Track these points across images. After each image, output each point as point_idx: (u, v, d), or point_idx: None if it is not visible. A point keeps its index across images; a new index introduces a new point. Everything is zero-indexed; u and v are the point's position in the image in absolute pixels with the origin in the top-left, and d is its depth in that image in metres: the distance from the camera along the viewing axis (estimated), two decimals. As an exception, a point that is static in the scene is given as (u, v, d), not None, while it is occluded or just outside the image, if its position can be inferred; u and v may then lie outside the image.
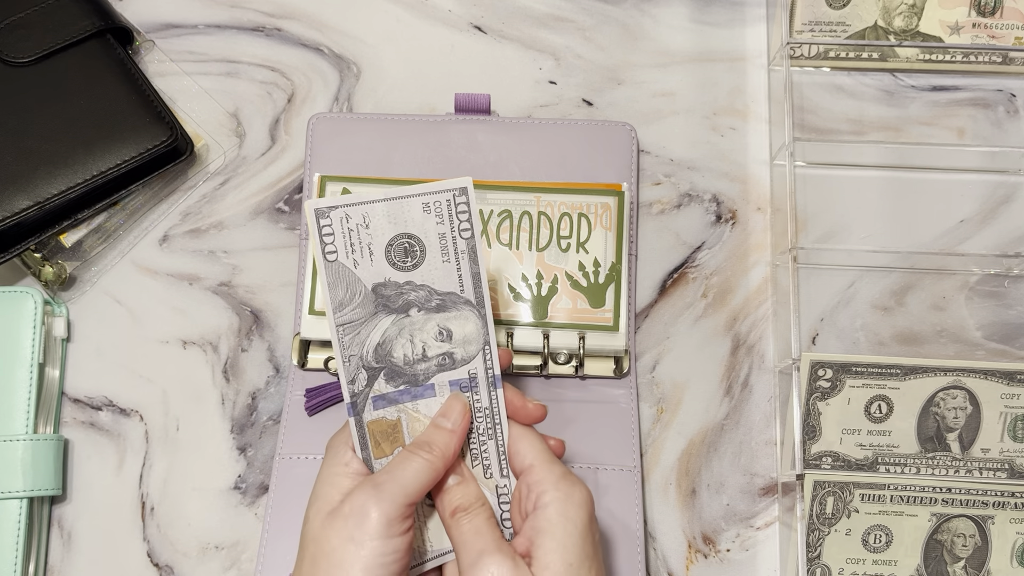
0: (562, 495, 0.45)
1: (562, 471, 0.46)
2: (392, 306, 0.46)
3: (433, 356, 0.47)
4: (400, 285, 0.46)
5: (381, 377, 0.46)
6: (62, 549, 0.59)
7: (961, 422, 0.58)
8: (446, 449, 0.46)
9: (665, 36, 0.68)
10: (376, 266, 0.45)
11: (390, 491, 0.44)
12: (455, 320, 0.47)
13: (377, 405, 0.47)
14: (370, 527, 0.43)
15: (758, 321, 0.63)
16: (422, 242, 0.46)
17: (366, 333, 0.46)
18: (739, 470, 0.60)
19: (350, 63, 0.68)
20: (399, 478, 0.44)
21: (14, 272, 0.63)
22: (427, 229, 0.46)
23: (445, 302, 0.47)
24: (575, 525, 0.44)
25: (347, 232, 0.45)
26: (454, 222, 0.46)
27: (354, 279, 0.45)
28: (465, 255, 0.46)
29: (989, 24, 0.66)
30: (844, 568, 0.57)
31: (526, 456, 0.47)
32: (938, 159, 0.65)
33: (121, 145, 0.61)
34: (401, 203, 0.45)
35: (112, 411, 0.61)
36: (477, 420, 0.48)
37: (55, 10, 0.63)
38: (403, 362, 0.47)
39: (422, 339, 0.47)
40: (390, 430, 0.47)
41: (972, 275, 0.64)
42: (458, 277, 0.46)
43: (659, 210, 0.65)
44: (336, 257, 0.45)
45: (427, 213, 0.45)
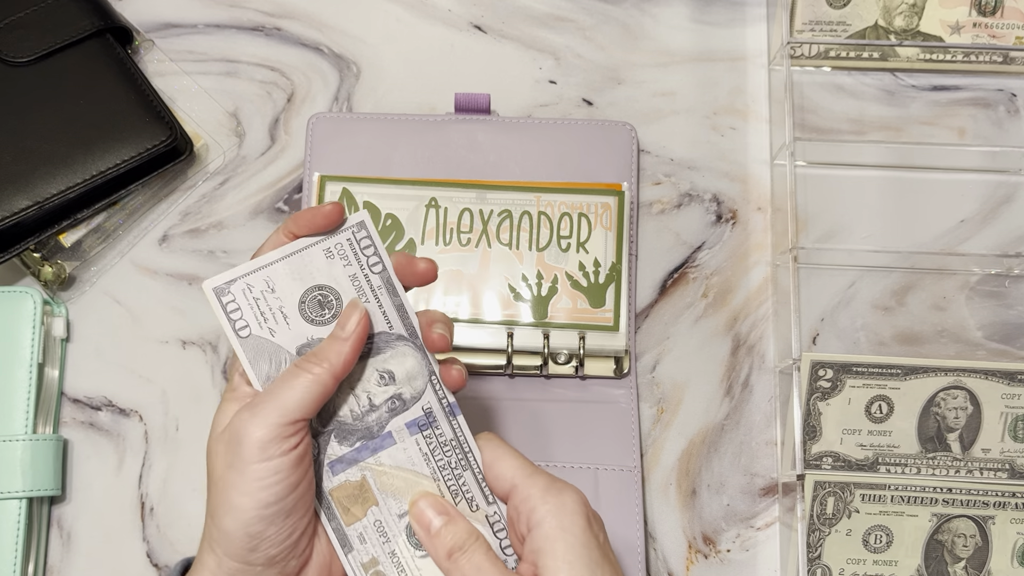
0: (552, 507, 0.42)
1: (546, 481, 0.43)
2: None
3: (381, 403, 0.45)
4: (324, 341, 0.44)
5: (332, 440, 0.44)
6: (61, 549, 0.59)
7: (962, 422, 0.58)
8: (336, 360, 0.43)
9: (665, 36, 0.68)
10: (294, 328, 0.44)
11: (264, 412, 0.42)
12: (393, 359, 0.45)
13: (335, 470, 0.45)
14: (244, 452, 0.41)
15: (758, 321, 0.63)
16: (334, 290, 0.44)
17: None
18: (739, 470, 0.60)
19: (350, 63, 0.67)
20: (277, 397, 0.42)
21: (14, 272, 0.63)
22: (335, 275, 0.44)
23: (377, 344, 0.44)
24: (574, 535, 0.42)
25: (253, 302, 0.43)
26: (361, 259, 0.44)
27: (275, 348, 0.43)
28: (382, 290, 0.44)
29: (990, 24, 0.66)
30: (845, 568, 0.57)
31: (504, 477, 0.44)
32: (939, 159, 0.65)
33: (121, 145, 0.61)
34: (301, 256, 0.43)
35: (112, 411, 0.61)
36: (446, 455, 0.45)
37: (55, 10, 0.63)
38: (351, 418, 0.44)
39: (364, 389, 0.45)
40: (357, 492, 0.45)
41: (973, 275, 0.64)
42: (383, 315, 0.44)
43: (659, 210, 0.65)
44: (249, 332, 0.43)
45: (331, 259, 0.44)
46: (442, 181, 0.62)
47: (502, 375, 0.60)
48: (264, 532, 0.42)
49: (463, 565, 0.43)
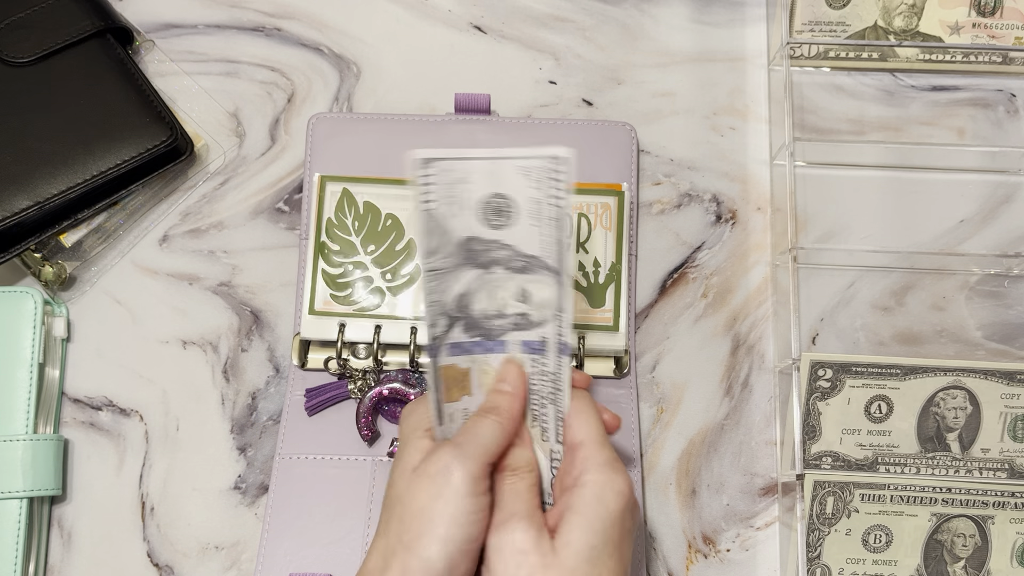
0: (603, 479, 0.45)
1: (609, 456, 0.46)
2: (478, 261, 0.47)
3: (510, 314, 0.48)
4: (488, 242, 0.46)
5: (459, 326, 0.47)
6: (62, 549, 0.59)
7: (961, 422, 0.58)
8: (511, 410, 0.47)
9: (665, 36, 0.68)
10: (469, 221, 0.46)
11: (471, 450, 0.44)
12: (535, 283, 0.47)
13: (452, 352, 0.47)
14: (456, 484, 0.43)
15: (758, 321, 0.63)
16: (515, 203, 0.46)
17: (451, 282, 0.47)
18: (739, 470, 0.60)
19: (350, 63, 0.68)
20: (477, 438, 0.45)
21: (14, 272, 0.63)
22: (521, 191, 0.46)
23: (528, 265, 0.47)
24: (607, 510, 0.44)
25: (448, 184, 0.45)
26: (546, 188, 0.46)
27: (447, 229, 0.46)
28: (553, 222, 0.46)
29: (989, 24, 0.66)
30: (844, 568, 0.57)
31: (579, 432, 0.47)
32: (938, 159, 0.65)
33: (121, 145, 0.61)
34: (501, 163, 0.46)
35: (112, 411, 0.61)
36: (542, 383, 0.48)
37: (55, 10, 0.63)
38: (481, 315, 0.47)
39: (502, 296, 0.47)
40: (460, 377, 0.48)
41: (972, 275, 0.64)
42: (543, 243, 0.47)
43: (659, 210, 0.65)
44: (433, 207, 0.45)
45: (525, 176, 0.46)
46: (442, 181, 0.62)
47: (502, 375, 0.60)
48: (459, 567, 0.43)
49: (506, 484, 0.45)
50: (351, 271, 0.60)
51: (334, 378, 0.60)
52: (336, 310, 0.59)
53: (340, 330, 0.59)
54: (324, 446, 0.59)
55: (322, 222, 0.61)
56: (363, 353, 0.60)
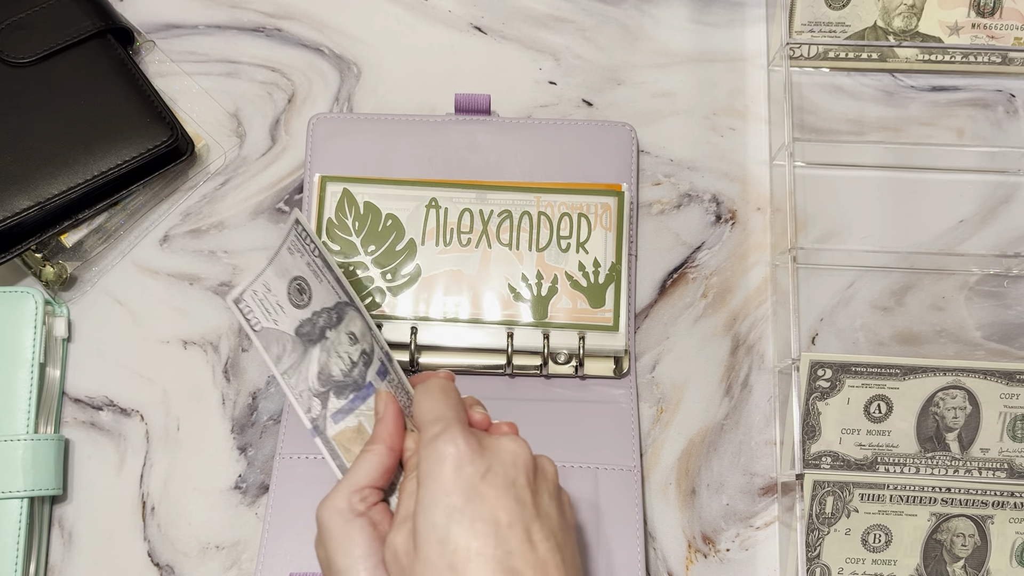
0: (426, 454, 0.44)
1: (436, 431, 0.45)
2: (313, 338, 0.51)
3: (357, 359, 0.51)
4: (310, 319, 0.51)
5: (331, 396, 0.51)
6: (63, 549, 0.59)
7: (960, 422, 0.58)
8: (387, 434, 0.49)
9: (665, 36, 0.68)
10: (289, 315, 0.51)
11: (335, 491, 0.47)
12: (351, 323, 0.52)
13: (336, 420, 0.51)
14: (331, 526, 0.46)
15: (758, 321, 0.63)
16: (303, 278, 0.51)
17: (305, 368, 0.51)
18: (739, 470, 0.60)
19: (350, 63, 0.68)
20: (346, 477, 0.48)
21: (15, 272, 0.63)
22: (300, 266, 0.51)
23: (339, 312, 0.52)
24: (439, 482, 0.43)
25: (260, 302, 0.50)
26: (306, 248, 0.51)
27: (279, 334, 0.50)
28: (325, 269, 0.52)
29: (988, 24, 0.66)
30: (844, 568, 0.57)
31: (417, 416, 0.48)
32: (938, 159, 0.65)
33: (121, 145, 0.61)
34: (278, 259, 0.51)
35: (113, 411, 0.61)
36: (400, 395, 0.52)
37: (55, 10, 0.63)
38: (342, 376, 0.51)
39: (344, 351, 0.51)
40: (355, 434, 0.51)
41: (972, 275, 0.64)
42: (332, 288, 0.52)
43: (659, 210, 0.65)
44: (261, 325, 0.50)
45: (292, 255, 0.51)
46: (442, 181, 0.62)
47: (502, 375, 0.61)
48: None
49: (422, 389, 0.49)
50: (351, 271, 0.60)
51: (334, 378, 0.60)
52: (336, 310, 0.59)
53: (340, 330, 0.59)
54: (324, 446, 0.59)
55: (322, 222, 0.61)
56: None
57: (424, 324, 0.59)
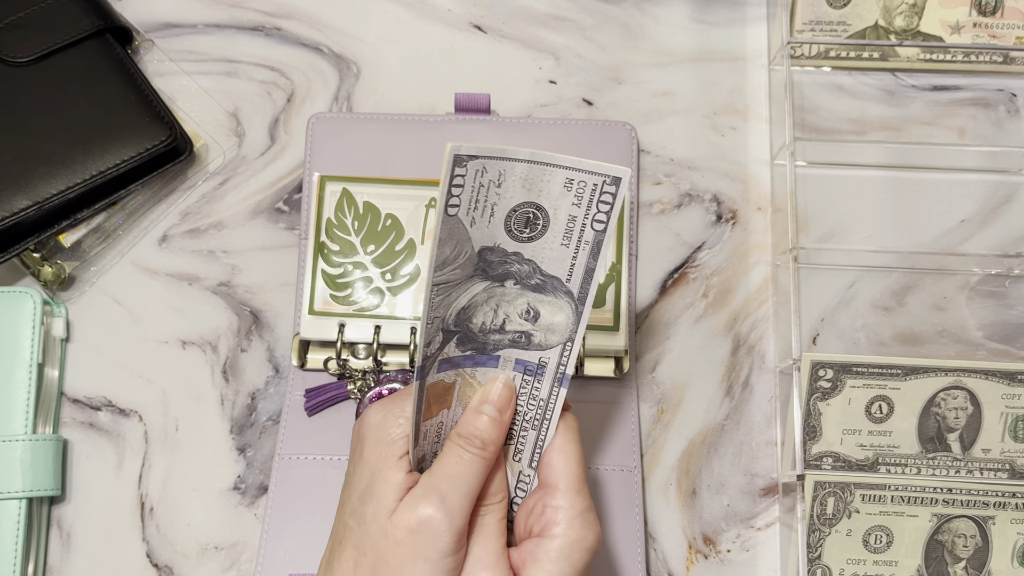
0: (574, 536, 0.43)
1: (583, 507, 0.44)
2: (491, 272, 0.43)
3: (510, 331, 0.44)
4: (507, 254, 0.42)
5: (453, 341, 0.43)
6: (61, 549, 0.59)
7: (962, 422, 0.58)
8: (493, 440, 0.44)
9: (665, 36, 0.68)
10: (491, 229, 0.42)
11: (457, 503, 0.41)
12: (548, 304, 0.44)
13: (441, 368, 0.44)
14: (443, 546, 0.41)
15: (758, 321, 0.63)
16: (548, 216, 0.42)
17: (457, 295, 0.43)
18: (739, 470, 0.60)
19: (350, 63, 0.67)
20: (460, 484, 0.42)
21: (13, 272, 0.63)
22: (559, 206, 0.42)
23: (546, 284, 0.43)
24: (572, 567, 0.42)
25: (477, 187, 0.40)
26: (591, 209, 0.42)
27: (464, 238, 0.41)
28: (588, 246, 0.42)
29: (990, 24, 0.66)
30: (845, 568, 0.57)
31: (558, 473, 0.44)
32: (939, 159, 0.65)
33: (120, 145, 0.61)
34: (543, 170, 0.41)
35: (111, 411, 0.61)
36: (529, 407, 0.45)
37: (54, 10, 0.63)
38: (479, 329, 0.44)
39: (506, 311, 0.44)
40: (443, 392, 0.44)
41: (973, 275, 0.64)
42: (570, 265, 0.43)
43: (659, 210, 0.65)
44: (456, 212, 0.40)
45: (567, 190, 0.41)
46: (442, 181, 0.61)
47: (502, 375, 0.60)
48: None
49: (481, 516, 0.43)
50: (351, 271, 0.60)
51: (334, 378, 0.60)
52: (336, 310, 0.59)
53: (340, 330, 0.59)
54: (324, 446, 0.59)
55: (322, 222, 0.60)
56: (363, 353, 0.60)
57: (424, 324, 0.59)
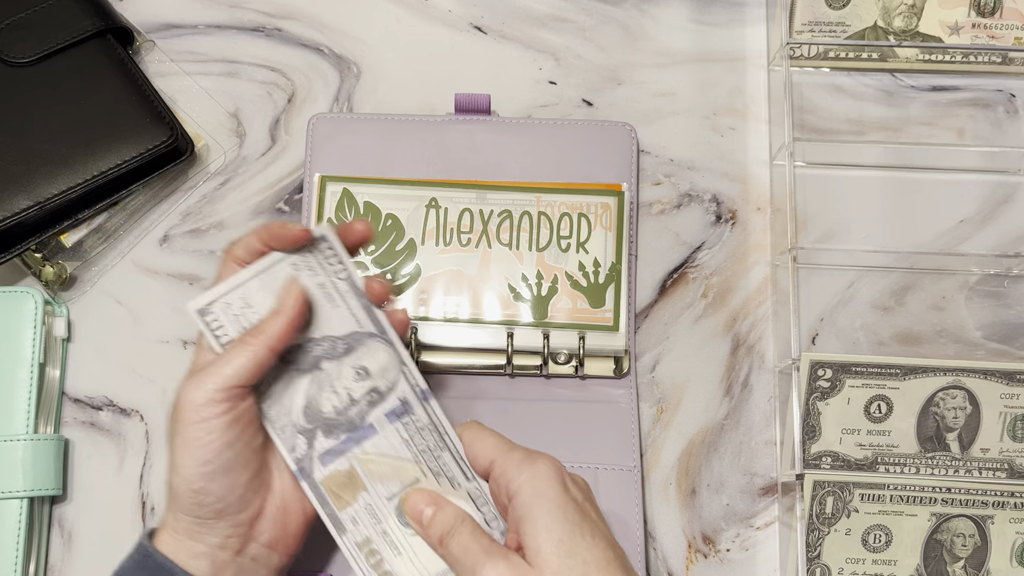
0: (527, 476, 0.45)
1: (521, 454, 0.46)
2: (303, 367, 0.48)
3: (360, 397, 0.49)
4: (303, 346, 0.48)
5: (320, 435, 0.48)
6: (62, 549, 0.59)
7: (961, 422, 0.58)
8: (272, 332, 0.46)
9: (665, 36, 0.68)
10: None
11: (201, 379, 0.46)
12: (366, 356, 0.48)
13: (325, 462, 0.48)
14: (183, 415, 0.46)
15: (758, 321, 0.63)
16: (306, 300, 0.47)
17: (288, 400, 0.48)
18: (739, 470, 0.60)
19: (350, 63, 0.68)
20: (217, 366, 0.46)
21: (14, 272, 0.63)
22: (306, 286, 0.47)
23: (350, 344, 0.48)
24: (549, 499, 0.44)
25: (233, 317, 0.47)
26: (327, 270, 0.48)
27: None
28: (349, 294, 0.48)
29: (989, 24, 0.66)
30: (844, 568, 0.57)
31: (484, 455, 0.47)
32: (938, 159, 0.65)
33: (121, 145, 0.61)
34: (270, 272, 0.47)
35: (112, 411, 0.61)
36: (424, 439, 0.49)
37: (55, 10, 0.63)
38: (335, 413, 0.48)
39: (344, 386, 0.48)
40: (346, 480, 0.49)
41: (972, 275, 0.64)
42: (352, 316, 0.48)
43: (659, 210, 0.65)
44: (231, 341, 0.47)
45: (297, 271, 0.47)
46: (442, 181, 0.62)
47: (502, 375, 0.60)
48: (207, 488, 0.46)
49: (452, 548, 0.46)
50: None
51: (334, 378, 0.60)
52: (336, 310, 0.59)
53: (340, 330, 0.59)
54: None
55: (322, 222, 0.61)
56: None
57: (424, 324, 0.59)
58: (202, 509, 0.47)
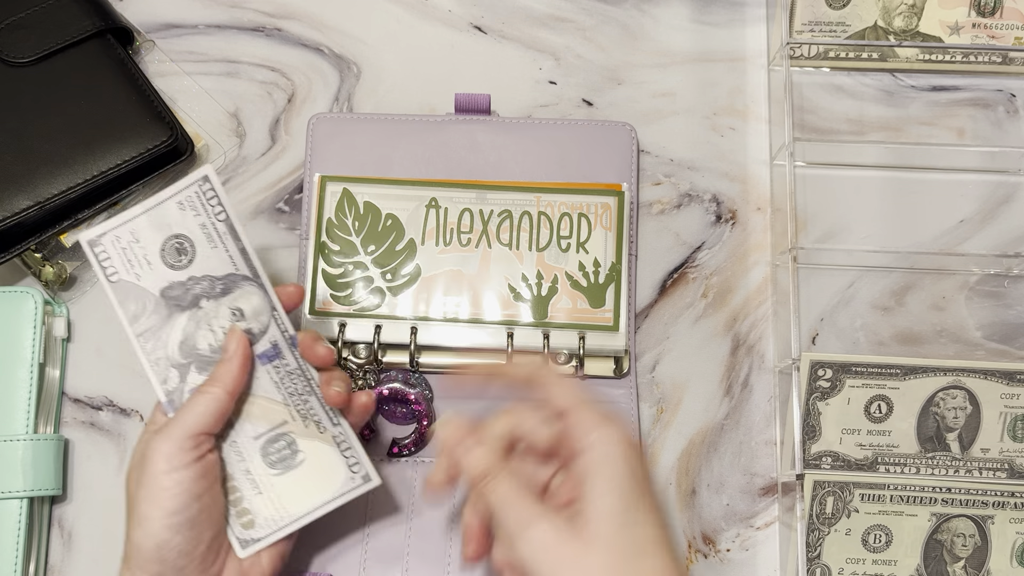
0: (602, 435, 0.44)
1: (596, 413, 0.45)
2: (183, 304, 0.50)
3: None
4: (184, 283, 0.50)
5: (192, 370, 0.50)
6: (62, 549, 0.59)
7: (961, 422, 0.58)
8: (228, 378, 0.49)
9: (665, 36, 0.68)
10: (156, 273, 0.50)
11: (168, 430, 0.47)
12: (242, 298, 0.50)
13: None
14: (151, 466, 0.47)
15: (758, 321, 0.63)
16: (189, 238, 0.49)
17: (166, 334, 0.50)
18: (739, 470, 0.60)
19: (350, 63, 0.68)
20: (180, 417, 0.48)
21: (14, 272, 0.63)
22: (188, 225, 0.49)
23: (227, 285, 0.50)
24: (618, 464, 0.43)
25: (121, 251, 0.49)
26: (208, 210, 0.49)
27: (141, 290, 0.49)
28: (227, 236, 0.50)
29: (989, 24, 0.66)
30: (844, 568, 0.57)
31: (562, 400, 0.46)
32: (938, 159, 0.65)
33: (121, 145, 0.61)
34: (158, 209, 0.49)
35: (112, 411, 0.61)
36: (293, 382, 0.51)
37: (55, 10, 0.63)
38: (209, 351, 0.50)
39: (219, 324, 0.50)
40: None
41: (972, 275, 0.64)
42: (229, 258, 0.50)
43: (659, 210, 0.65)
44: (119, 276, 0.49)
45: (183, 211, 0.49)
46: (442, 181, 0.62)
47: (502, 375, 0.60)
48: (170, 541, 0.46)
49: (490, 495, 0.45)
50: (351, 271, 0.60)
51: (334, 378, 0.60)
52: (336, 310, 0.59)
53: (340, 330, 0.59)
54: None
55: (322, 222, 0.61)
56: (363, 353, 0.60)
57: (424, 324, 0.59)
58: (163, 565, 0.47)
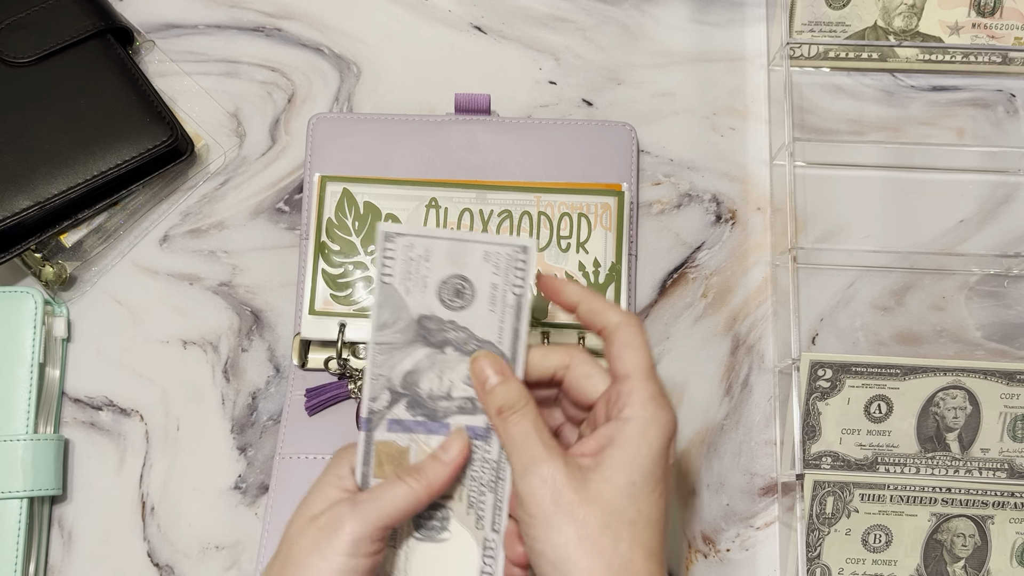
0: (647, 414, 0.44)
1: (655, 390, 0.45)
2: (431, 340, 0.47)
3: (457, 397, 0.48)
4: (443, 322, 0.47)
5: (402, 403, 0.47)
6: (62, 549, 0.59)
7: (961, 422, 0.58)
8: (434, 480, 0.46)
9: (665, 36, 0.68)
10: (426, 298, 0.47)
11: (365, 511, 0.44)
12: None
13: (391, 428, 0.47)
14: (338, 542, 0.43)
15: (758, 321, 0.63)
16: (474, 287, 0.47)
17: (399, 358, 0.47)
18: (739, 470, 0.60)
19: (350, 63, 0.68)
20: (379, 500, 0.44)
21: (14, 272, 0.63)
22: (481, 276, 0.47)
23: (481, 349, 0.47)
24: (650, 447, 0.43)
25: (408, 260, 0.46)
26: (508, 276, 0.47)
27: (402, 304, 0.47)
28: (511, 309, 0.47)
29: (989, 24, 0.66)
30: (844, 568, 0.57)
31: (627, 363, 0.46)
32: (938, 159, 0.65)
33: (121, 145, 0.61)
34: (464, 246, 0.47)
35: (112, 411, 0.61)
36: (483, 470, 0.48)
37: (55, 10, 0.63)
38: (427, 395, 0.47)
39: (451, 378, 0.47)
40: (397, 455, 0.47)
41: (972, 275, 0.64)
42: (499, 329, 0.47)
43: (659, 210, 0.65)
44: (392, 280, 0.46)
45: (485, 261, 0.47)
46: (442, 181, 0.62)
47: (502, 375, 0.60)
48: None
49: (511, 427, 0.45)
50: (351, 271, 0.60)
51: (334, 378, 0.60)
52: (336, 310, 0.59)
53: (340, 330, 0.59)
54: (324, 446, 0.59)
55: (322, 222, 0.61)
56: (363, 353, 0.60)
57: (424, 324, 0.59)
58: None
